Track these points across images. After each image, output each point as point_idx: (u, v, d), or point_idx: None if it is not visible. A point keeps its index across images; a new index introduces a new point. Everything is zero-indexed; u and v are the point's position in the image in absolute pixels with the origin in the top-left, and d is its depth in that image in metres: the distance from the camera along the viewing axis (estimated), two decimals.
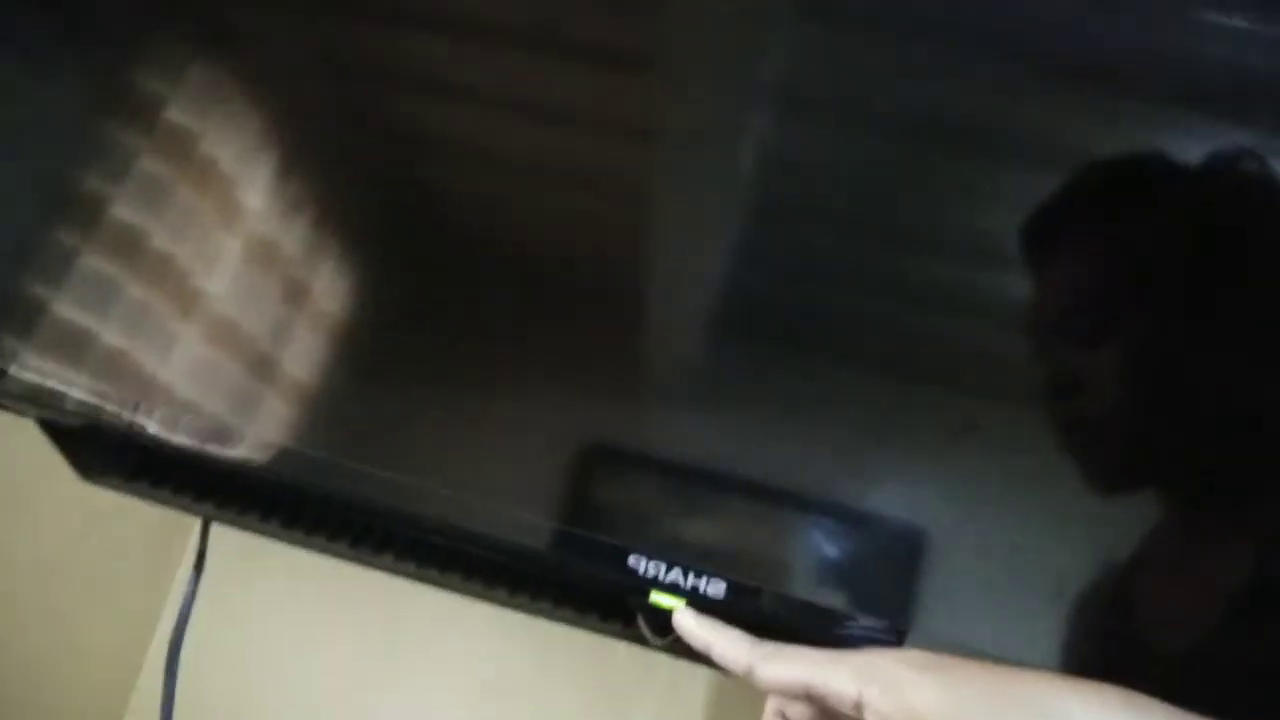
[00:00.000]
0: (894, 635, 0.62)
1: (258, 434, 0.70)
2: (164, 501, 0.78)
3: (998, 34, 0.63)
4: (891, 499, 0.64)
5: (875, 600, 0.63)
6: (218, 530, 0.82)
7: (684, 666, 0.70)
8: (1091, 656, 0.60)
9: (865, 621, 0.62)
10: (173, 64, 0.73)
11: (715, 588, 0.63)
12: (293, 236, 0.72)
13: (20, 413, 0.72)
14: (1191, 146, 0.60)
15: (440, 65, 0.71)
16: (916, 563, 0.62)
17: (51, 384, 0.71)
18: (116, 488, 0.78)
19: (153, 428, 0.70)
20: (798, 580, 0.65)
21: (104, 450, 0.77)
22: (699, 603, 0.64)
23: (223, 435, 0.70)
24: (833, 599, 0.63)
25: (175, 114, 0.72)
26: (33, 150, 0.76)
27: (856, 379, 0.65)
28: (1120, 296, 0.59)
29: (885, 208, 0.66)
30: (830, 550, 0.65)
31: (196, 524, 0.85)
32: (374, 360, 0.71)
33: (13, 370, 0.71)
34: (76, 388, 0.70)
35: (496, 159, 0.71)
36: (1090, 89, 0.62)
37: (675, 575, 0.64)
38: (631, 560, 0.64)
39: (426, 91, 0.72)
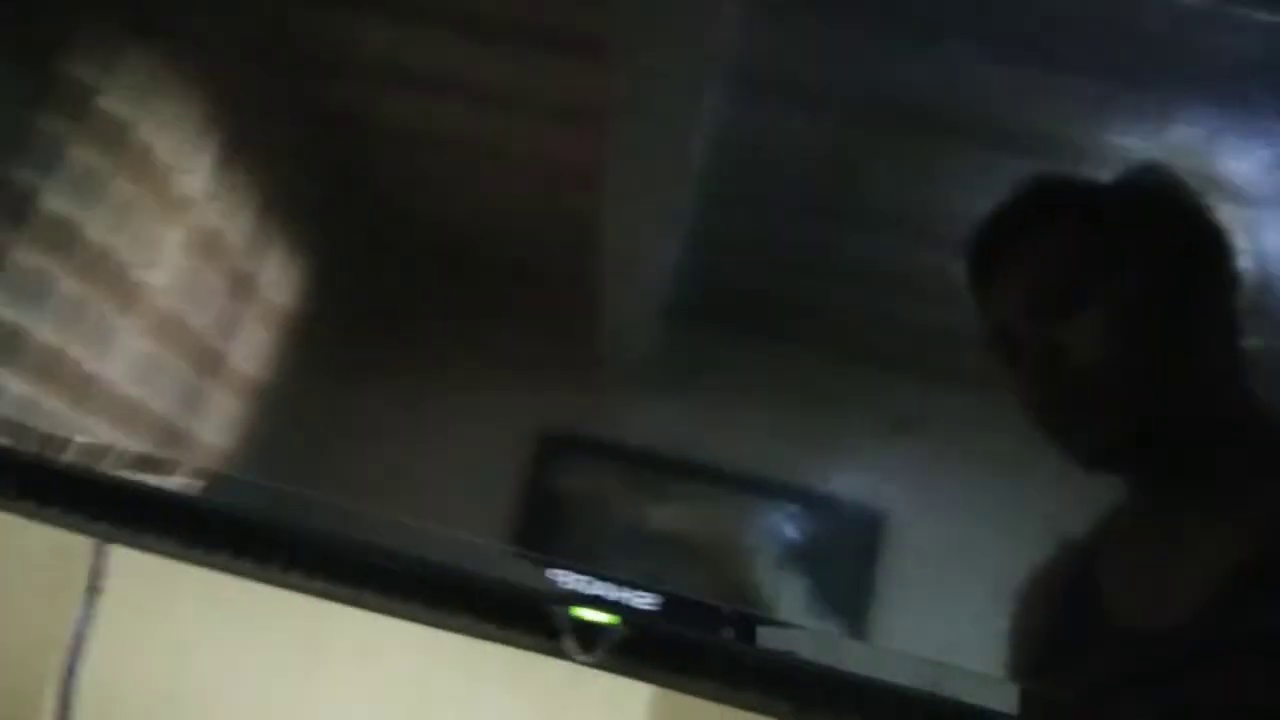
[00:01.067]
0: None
1: (159, 450, 0.67)
2: (53, 522, 0.73)
3: (951, 17, 0.63)
4: (842, 492, 0.61)
5: (827, 605, 0.60)
6: (122, 548, 0.77)
7: (621, 681, 0.66)
8: (1054, 642, 0.59)
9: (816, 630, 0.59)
10: (109, 52, 0.70)
11: (646, 600, 0.60)
12: (233, 233, 0.68)
13: None
14: (1140, 127, 0.60)
15: (385, 50, 0.69)
16: (870, 562, 0.60)
17: None
18: (1, 507, 0.73)
19: (51, 443, 0.66)
20: (742, 588, 0.62)
21: None
22: (630, 617, 0.60)
23: (123, 452, 0.66)
24: (781, 608, 0.60)
25: (110, 103, 0.69)
26: None
27: (809, 366, 0.63)
28: (1090, 266, 0.60)
29: (835, 192, 0.65)
30: (777, 552, 0.62)
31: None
32: (290, 367, 0.68)
33: None
34: None
35: (443, 145, 0.69)
36: (1046, 73, 0.62)
37: (601, 588, 0.60)
38: (551, 573, 0.60)
39: (370, 77, 0.70)
